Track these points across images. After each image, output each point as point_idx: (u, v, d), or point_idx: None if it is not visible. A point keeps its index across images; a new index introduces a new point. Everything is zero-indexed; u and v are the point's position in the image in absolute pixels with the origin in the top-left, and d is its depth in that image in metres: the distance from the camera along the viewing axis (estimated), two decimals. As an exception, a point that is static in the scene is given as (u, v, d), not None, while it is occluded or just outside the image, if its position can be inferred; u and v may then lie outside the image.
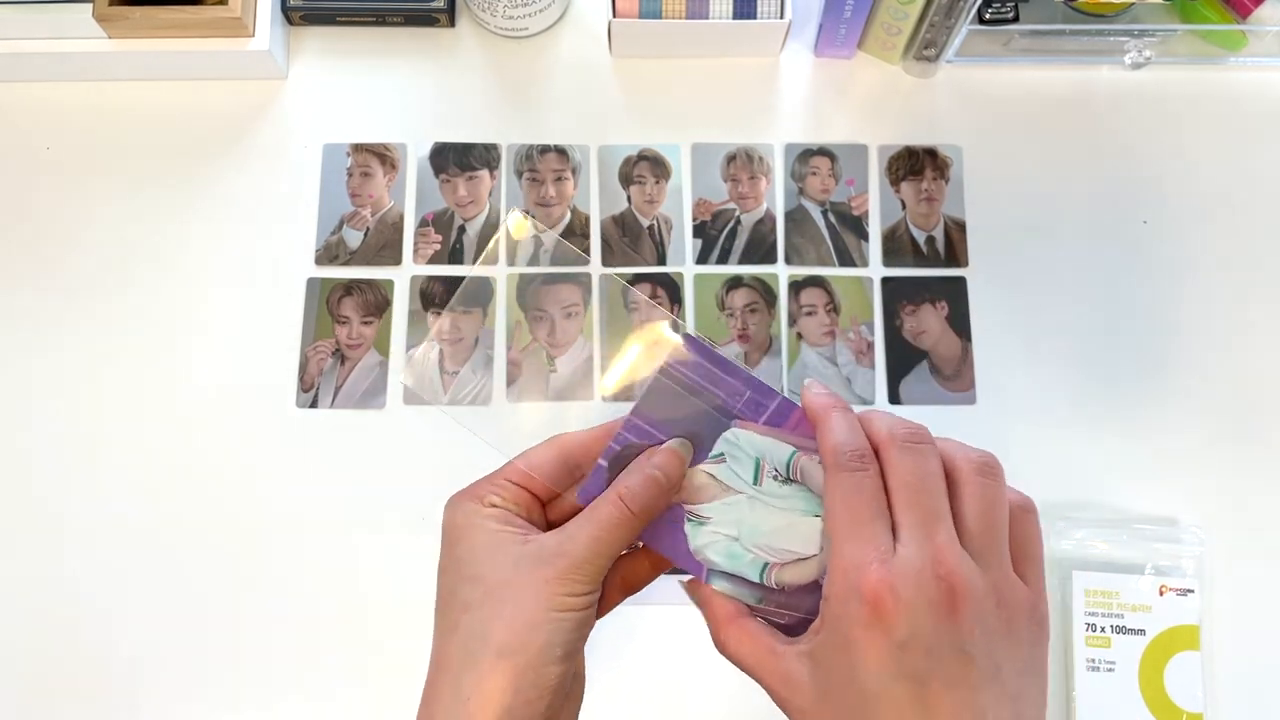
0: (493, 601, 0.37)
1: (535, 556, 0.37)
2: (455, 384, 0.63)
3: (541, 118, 0.68)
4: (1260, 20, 0.67)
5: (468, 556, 0.38)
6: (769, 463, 0.39)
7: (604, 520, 0.37)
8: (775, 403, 0.39)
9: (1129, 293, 0.65)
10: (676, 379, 0.39)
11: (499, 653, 0.36)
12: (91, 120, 0.67)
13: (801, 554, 0.38)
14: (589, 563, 0.37)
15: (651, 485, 0.38)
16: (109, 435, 0.62)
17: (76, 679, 0.59)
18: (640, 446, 0.39)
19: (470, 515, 0.39)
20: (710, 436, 0.39)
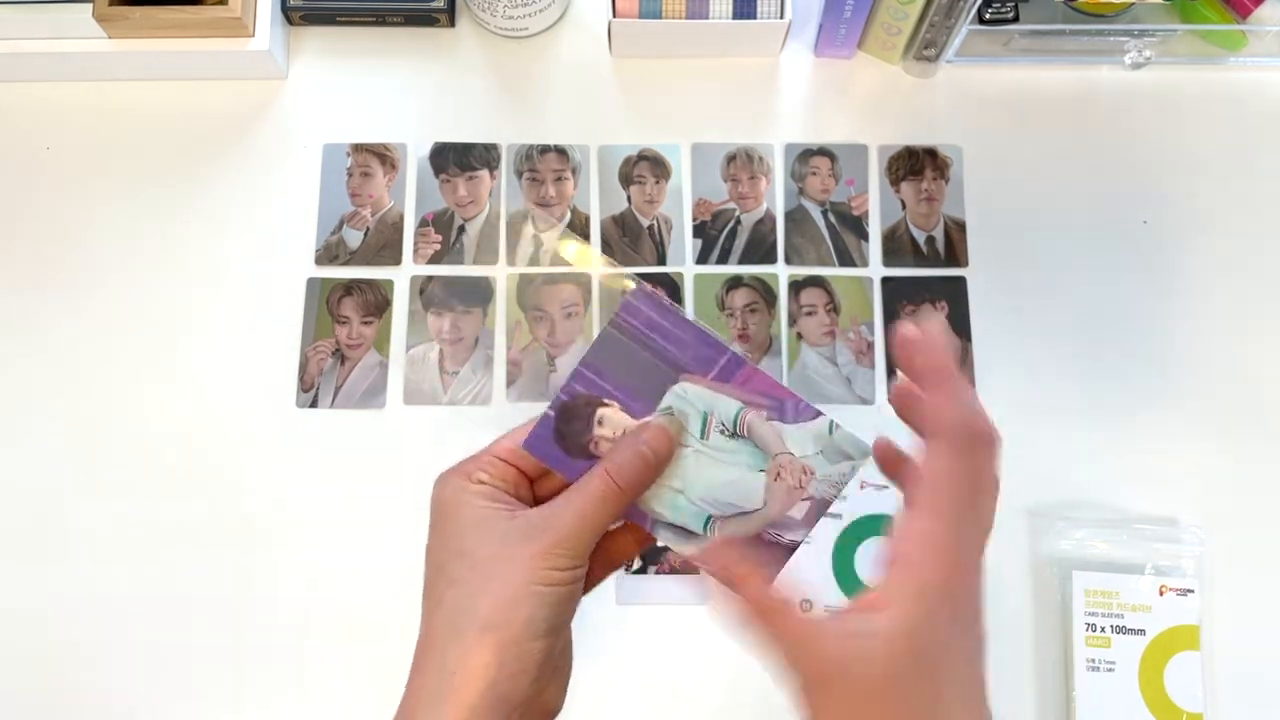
0: (479, 576, 0.37)
1: (521, 531, 0.37)
2: (455, 384, 0.63)
3: (541, 118, 0.68)
4: (1260, 20, 0.67)
5: (455, 532, 0.38)
6: (716, 417, 0.39)
7: (591, 495, 0.38)
8: (724, 358, 0.39)
9: (1129, 293, 0.65)
10: (626, 331, 0.39)
11: (484, 627, 0.36)
12: (91, 120, 0.67)
13: (744, 508, 0.39)
14: (574, 537, 0.37)
15: (640, 461, 0.38)
16: (109, 435, 0.62)
17: (75, 678, 0.59)
18: (587, 397, 0.39)
19: (458, 492, 0.39)
20: (659, 389, 0.39)
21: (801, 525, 0.39)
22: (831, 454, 0.39)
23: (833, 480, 0.39)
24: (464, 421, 0.63)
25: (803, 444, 0.39)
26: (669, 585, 0.61)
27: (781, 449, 0.39)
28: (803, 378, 0.64)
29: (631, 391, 0.39)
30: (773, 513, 0.39)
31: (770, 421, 0.39)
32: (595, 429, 0.39)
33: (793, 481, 0.39)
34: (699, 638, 0.60)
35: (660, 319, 0.39)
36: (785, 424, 0.39)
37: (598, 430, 0.39)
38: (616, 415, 0.39)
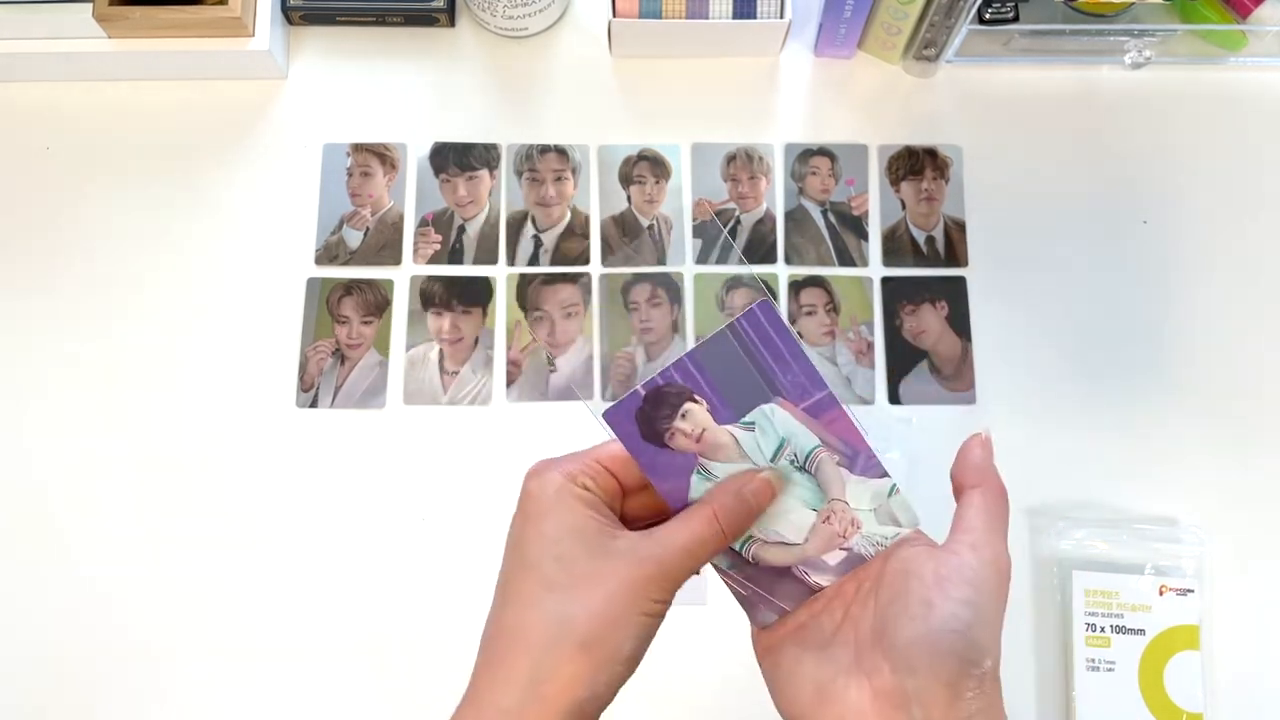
0: (580, 590, 0.37)
1: (629, 556, 0.37)
2: (455, 384, 0.63)
3: (541, 118, 0.68)
4: (1260, 20, 0.67)
5: (555, 535, 0.38)
6: (792, 446, 0.40)
7: (697, 534, 0.38)
8: (820, 395, 0.39)
9: (1129, 292, 0.65)
10: (741, 338, 0.39)
11: (582, 643, 0.36)
12: (91, 120, 0.67)
13: (787, 540, 0.40)
14: (678, 573, 0.38)
15: (745, 510, 0.39)
16: (108, 434, 0.62)
17: (75, 677, 0.59)
18: (680, 388, 0.39)
19: (562, 492, 0.38)
20: (750, 404, 0.40)
21: (831, 571, 0.40)
22: (883, 515, 0.40)
23: (875, 540, 0.40)
24: (464, 421, 0.63)
25: (860, 497, 0.40)
26: (669, 585, 0.60)
27: (840, 495, 0.40)
28: (803, 378, 0.64)
29: (723, 396, 0.40)
30: (810, 551, 0.40)
31: (839, 466, 0.40)
32: (677, 420, 0.40)
33: (839, 529, 0.40)
34: (699, 638, 0.60)
35: (776, 337, 0.39)
36: (851, 473, 0.40)
37: (679, 423, 0.40)
38: (701, 414, 0.40)
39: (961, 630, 0.36)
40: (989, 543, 0.38)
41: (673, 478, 0.40)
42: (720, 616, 0.60)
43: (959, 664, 0.35)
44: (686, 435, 0.40)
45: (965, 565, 0.37)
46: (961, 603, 0.36)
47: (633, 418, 0.40)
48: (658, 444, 0.40)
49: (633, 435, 0.40)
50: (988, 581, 0.37)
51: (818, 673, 0.38)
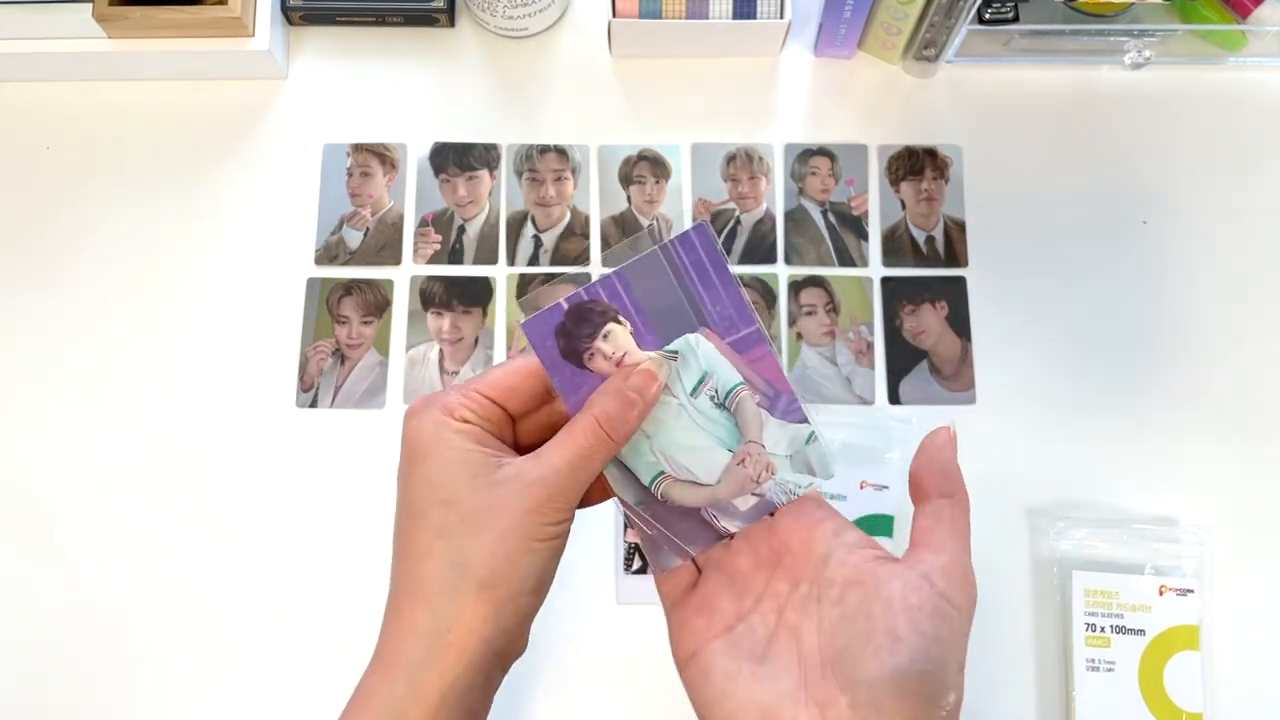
0: (470, 529, 0.35)
1: (514, 483, 0.36)
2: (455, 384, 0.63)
3: (541, 118, 0.68)
4: (1260, 20, 0.67)
5: (438, 477, 0.36)
6: (714, 381, 0.38)
7: (581, 446, 0.36)
8: (748, 330, 0.38)
9: (1129, 293, 0.65)
10: (673, 261, 0.38)
11: (481, 585, 0.35)
12: (91, 120, 0.67)
13: (698, 478, 0.39)
14: (568, 490, 0.36)
15: (629, 408, 0.37)
16: (108, 434, 0.62)
17: (75, 677, 0.59)
18: (606, 306, 0.38)
19: (439, 429, 0.37)
20: (674, 331, 0.38)
21: (740, 518, 0.39)
22: (799, 462, 0.39)
23: (787, 488, 0.39)
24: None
25: (778, 441, 0.39)
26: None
27: (757, 438, 0.39)
28: (803, 378, 0.64)
29: (648, 320, 0.38)
30: (721, 494, 0.39)
31: (760, 407, 0.39)
32: (599, 340, 0.38)
33: (752, 472, 0.39)
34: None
35: (709, 265, 0.38)
36: (771, 415, 0.39)
37: (600, 343, 0.38)
38: (624, 336, 0.38)
39: (934, 671, 0.33)
40: (962, 567, 0.35)
41: (585, 396, 0.38)
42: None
43: (925, 704, 0.33)
44: (606, 357, 0.38)
45: (939, 595, 0.34)
46: (934, 640, 0.33)
47: (552, 332, 0.38)
48: (575, 363, 0.38)
49: (550, 351, 0.38)
50: (963, 613, 0.34)
51: (758, 694, 0.35)
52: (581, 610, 0.60)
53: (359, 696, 0.37)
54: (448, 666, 0.35)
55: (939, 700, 0.33)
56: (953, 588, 0.34)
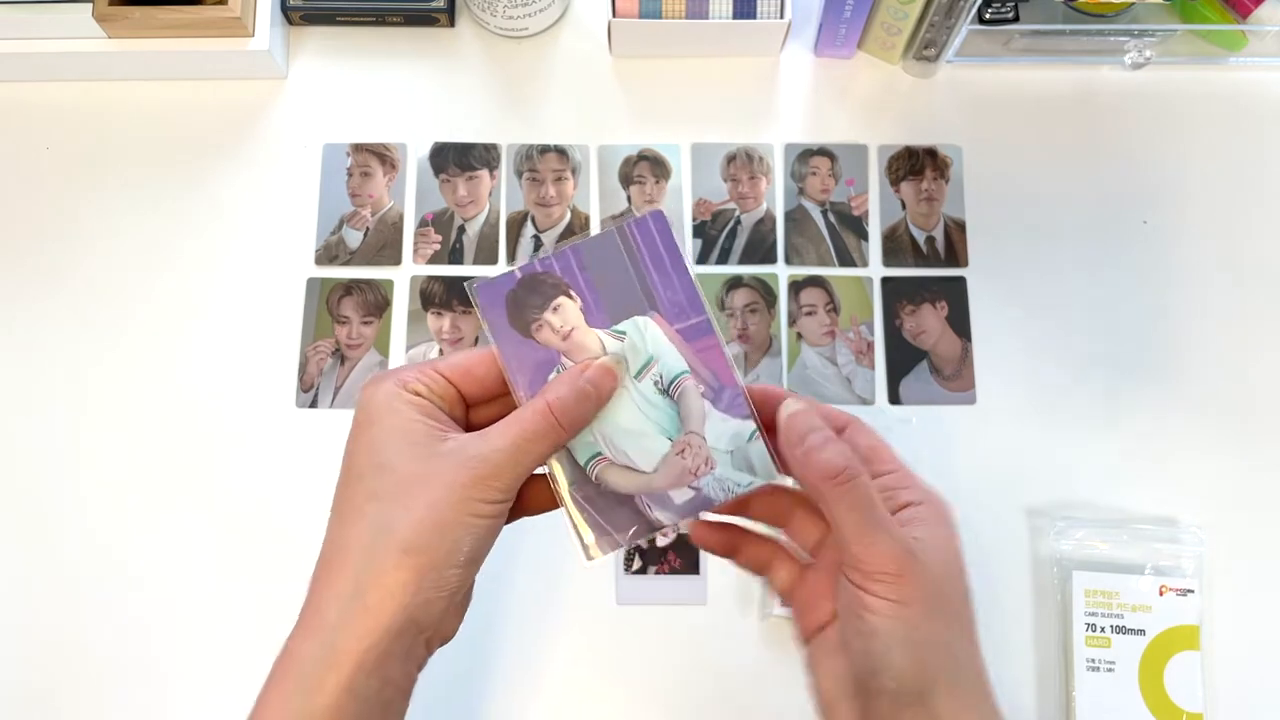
0: (403, 495, 0.35)
1: (454, 456, 0.36)
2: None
3: (541, 118, 0.68)
4: (1260, 20, 0.67)
5: (381, 443, 0.36)
6: (659, 366, 0.38)
7: (529, 429, 0.36)
8: (697, 319, 0.38)
9: (1129, 293, 0.65)
10: (628, 243, 0.38)
11: (405, 549, 0.35)
12: (91, 120, 0.67)
13: (635, 465, 0.38)
14: (508, 470, 0.36)
15: (583, 400, 0.37)
16: (109, 434, 0.62)
17: (75, 676, 0.59)
18: (558, 280, 0.38)
19: (391, 399, 0.37)
20: (624, 313, 0.38)
21: (675, 511, 0.38)
22: (739, 460, 0.38)
23: (725, 485, 0.38)
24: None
25: (719, 436, 0.38)
26: (669, 585, 0.61)
27: (698, 429, 0.38)
28: (803, 378, 0.64)
29: (599, 299, 0.38)
30: (657, 483, 0.38)
31: (703, 398, 0.38)
32: (548, 312, 0.38)
33: (691, 464, 0.38)
34: (698, 638, 0.60)
35: (664, 251, 0.38)
36: (715, 409, 0.38)
37: (549, 315, 0.38)
38: (573, 311, 0.38)
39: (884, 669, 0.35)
40: (861, 548, 0.35)
41: (529, 372, 0.38)
42: (720, 616, 0.60)
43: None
44: (554, 330, 0.38)
45: (858, 601, 0.35)
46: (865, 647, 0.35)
47: (503, 299, 0.38)
48: (522, 333, 0.38)
49: (499, 318, 0.38)
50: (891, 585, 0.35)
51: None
52: (581, 610, 0.60)
53: (282, 658, 0.37)
54: (365, 631, 0.34)
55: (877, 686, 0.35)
56: (867, 576, 0.35)
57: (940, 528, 0.36)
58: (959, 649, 0.35)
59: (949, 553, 0.36)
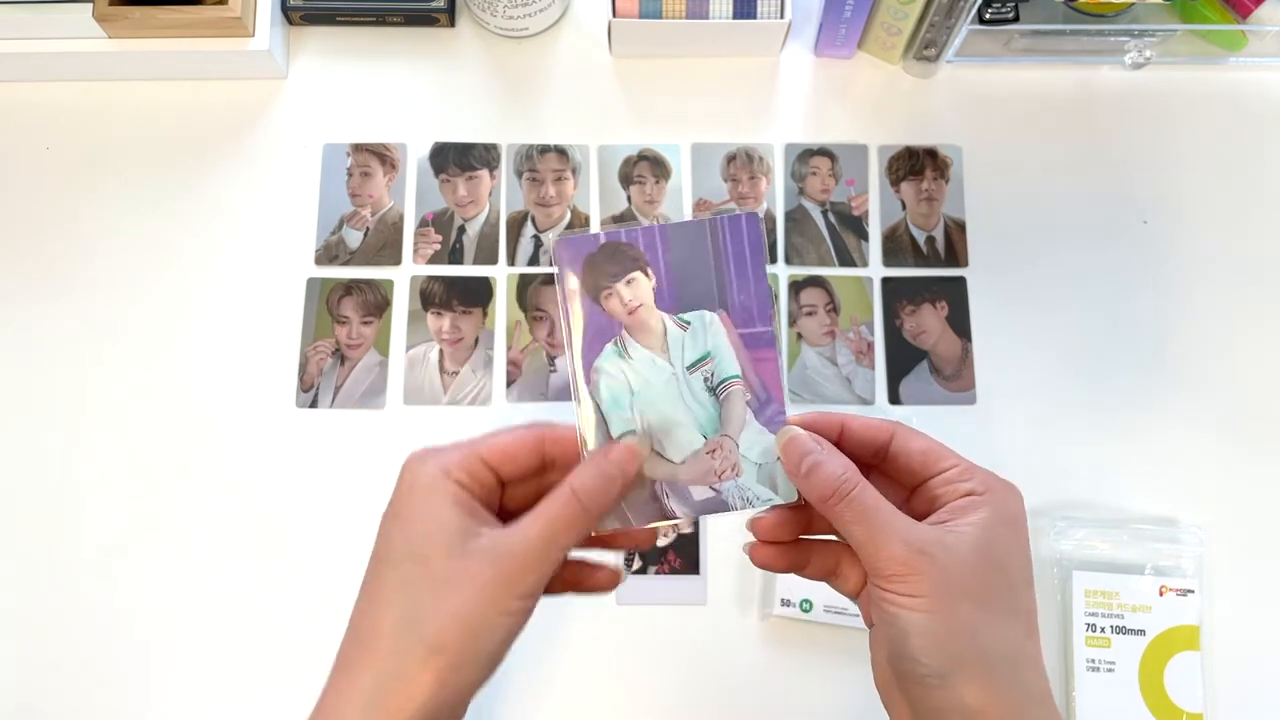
0: (434, 590, 0.35)
1: (487, 555, 0.36)
2: (455, 384, 0.63)
3: (541, 118, 0.68)
4: (1260, 20, 0.67)
5: (419, 530, 0.36)
6: (713, 364, 0.39)
7: (556, 518, 0.36)
8: (762, 329, 0.39)
9: (1129, 293, 0.65)
10: (716, 238, 0.39)
11: (433, 648, 0.35)
12: (91, 120, 0.67)
13: (665, 453, 0.39)
14: (538, 565, 0.36)
15: (607, 482, 0.37)
16: (108, 435, 0.62)
17: (75, 675, 0.59)
18: (639, 254, 0.38)
19: (434, 485, 0.37)
20: (695, 301, 0.39)
21: (691, 507, 0.39)
22: (764, 475, 0.39)
23: (745, 495, 0.39)
24: (464, 422, 0.63)
25: (752, 446, 0.39)
26: (669, 585, 0.61)
27: (734, 434, 0.39)
28: (803, 378, 0.64)
29: (673, 283, 0.38)
30: (682, 475, 0.39)
31: (747, 406, 0.39)
32: (621, 283, 0.38)
33: (718, 466, 0.39)
34: (699, 638, 0.60)
35: (749, 254, 0.38)
36: (755, 419, 0.39)
37: (621, 286, 0.38)
38: (645, 288, 0.38)
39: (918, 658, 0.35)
40: (877, 557, 0.36)
41: (586, 334, 0.38)
42: (720, 616, 0.60)
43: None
44: (623, 303, 0.38)
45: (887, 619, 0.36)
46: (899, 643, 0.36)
47: (580, 260, 0.38)
48: (591, 295, 0.38)
49: (572, 276, 0.38)
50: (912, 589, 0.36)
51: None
52: (581, 610, 0.60)
53: None
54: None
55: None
56: (891, 580, 0.35)
57: (993, 516, 0.36)
58: (987, 634, 0.35)
59: (993, 541, 0.36)
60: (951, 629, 0.35)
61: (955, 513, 0.36)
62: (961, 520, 0.36)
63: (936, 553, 0.35)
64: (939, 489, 0.38)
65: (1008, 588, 0.36)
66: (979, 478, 0.38)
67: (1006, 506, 0.37)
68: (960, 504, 0.37)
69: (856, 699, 0.58)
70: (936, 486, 0.38)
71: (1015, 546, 0.37)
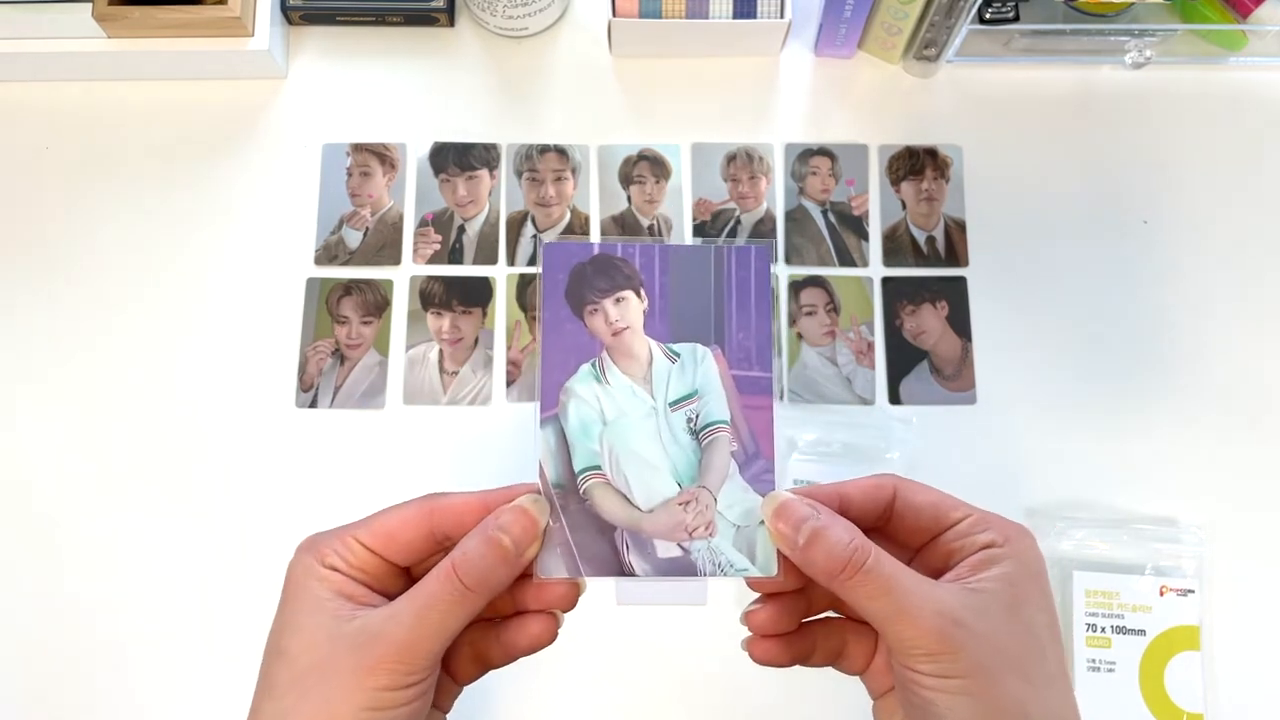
0: (298, 691, 0.31)
1: (352, 640, 0.31)
2: (455, 384, 0.63)
3: (541, 117, 0.68)
4: (1260, 20, 0.67)
5: (285, 623, 0.32)
6: (699, 404, 0.35)
7: (432, 598, 0.31)
8: (760, 374, 0.35)
9: (1129, 293, 0.65)
10: (721, 267, 0.35)
11: None
12: (91, 120, 0.67)
13: (632, 498, 0.35)
14: (411, 648, 0.31)
15: (492, 552, 0.32)
16: (108, 435, 0.62)
17: (73, 676, 0.59)
18: (633, 273, 0.35)
19: (306, 573, 0.33)
20: (688, 331, 0.35)
21: (653, 566, 0.35)
22: (742, 540, 0.35)
23: (717, 560, 0.35)
24: (464, 421, 0.63)
25: (732, 505, 0.35)
26: (669, 586, 0.60)
27: (714, 488, 0.35)
28: (803, 378, 0.64)
29: (667, 309, 0.35)
30: (647, 526, 0.35)
31: (731, 458, 0.35)
32: (609, 300, 0.35)
33: (691, 521, 0.35)
34: (698, 638, 0.60)
35: (754, 290, 0.35)
36: (740, 475, 0.35)
37: (608, 303, 0.35)
38: (635, 310, 0.35)
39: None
40: (905, 622, 0.31)
41: (562, 352, 0.35)
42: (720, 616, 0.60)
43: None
44: (608, 322, 0.35)
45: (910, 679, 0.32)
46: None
47: (569, 269, 0.35)
48: (574, 309, 0.35)
49: (557, 285, 0.35)
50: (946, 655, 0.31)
51: None
52: (581, 610, 0.60)
53: None
54: None
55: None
56: (916, 653, 0.31)
57: (1018, 570, 0.33)
58: (1037, 709, 0.31)
59: (1021, 600, 0.32)
60: (1000, 710, 0.30)
61: (975, 568, 0.33)
62: (983, 576, 0.32)
63: (972, 621, 0.31)
64: (953, 543, 0.34)
65: (1040, 650, 0.32)
66: (994, 526, 0.34)
67: (1028, 557, 0.34)
68: (979, 558, 0.33)
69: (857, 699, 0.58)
70: (950, 541, 0.34)
71: (1043, 601, 0.33)
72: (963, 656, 0.30)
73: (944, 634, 0.30)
